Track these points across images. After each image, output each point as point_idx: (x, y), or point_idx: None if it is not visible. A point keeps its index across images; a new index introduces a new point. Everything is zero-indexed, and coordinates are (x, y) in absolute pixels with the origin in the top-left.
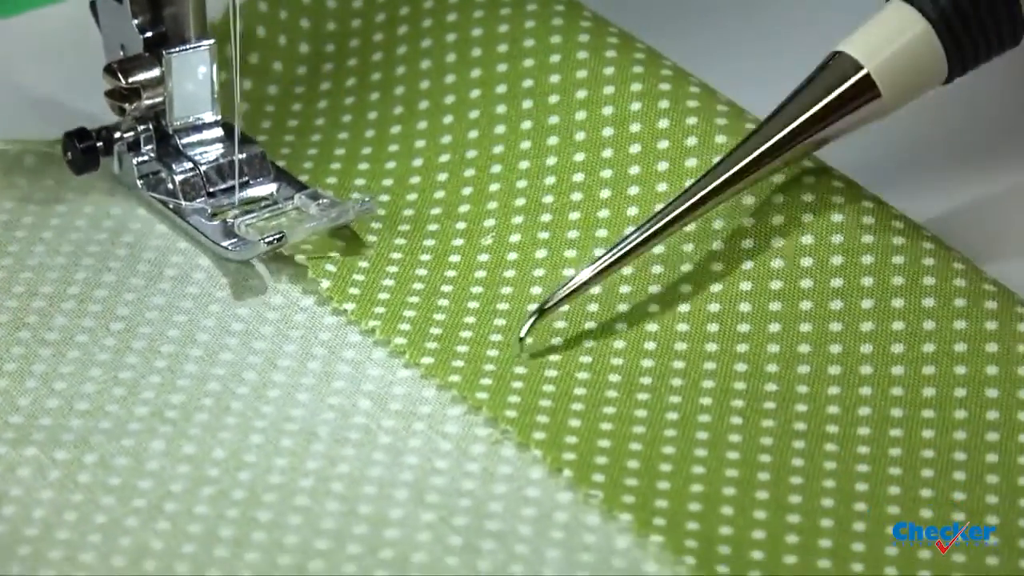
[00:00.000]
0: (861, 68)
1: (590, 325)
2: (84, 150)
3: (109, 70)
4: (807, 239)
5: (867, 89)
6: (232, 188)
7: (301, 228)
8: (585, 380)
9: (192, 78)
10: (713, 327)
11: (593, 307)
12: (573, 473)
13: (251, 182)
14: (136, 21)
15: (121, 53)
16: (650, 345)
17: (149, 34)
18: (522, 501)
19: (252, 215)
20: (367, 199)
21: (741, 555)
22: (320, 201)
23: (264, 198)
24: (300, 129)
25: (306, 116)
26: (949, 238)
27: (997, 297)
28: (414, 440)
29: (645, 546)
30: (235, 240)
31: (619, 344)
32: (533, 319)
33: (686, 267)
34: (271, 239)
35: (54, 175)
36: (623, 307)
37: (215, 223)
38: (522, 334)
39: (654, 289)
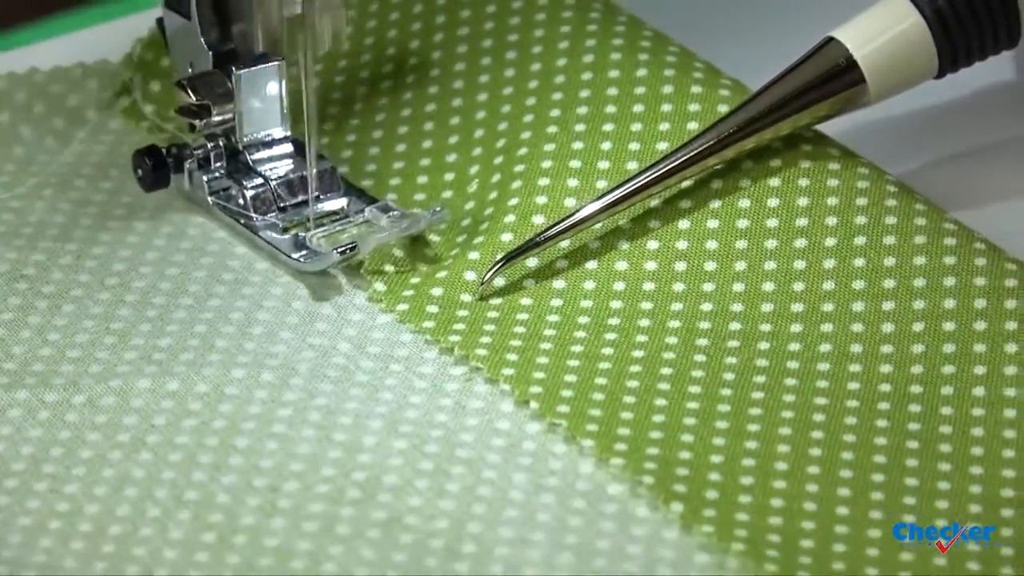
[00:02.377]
0: (850, 56)
1: (561, 265)
2: (155, 167)
3: (179, 86)
4: (774, 181)
5: (853, 77)
6: (302, 203)
7: (373, 238)
8: (555, 322)
9: (261, 95)
10: (680, 265)
11: (565, 243)
12: (539, 404)
13: (322, 197)
14: (204, 38)
15: (190, 70)
16: (619, 286)
17: (218, 51)
18: (492, 432)
19: (323, 228)
20: (438, 209)
21: (699, 476)
22: (390, 213)
23: (335, 212)
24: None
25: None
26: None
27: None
28: (390, 379)
29: (607, 469)
30: (306, 252)
31: (589, 285)
32: (498, 266)
33: (655, 205)
34: (343, 249)
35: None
36: (593, 244)
37: (287, 237)
38: (484, 279)
39: (624, 225)
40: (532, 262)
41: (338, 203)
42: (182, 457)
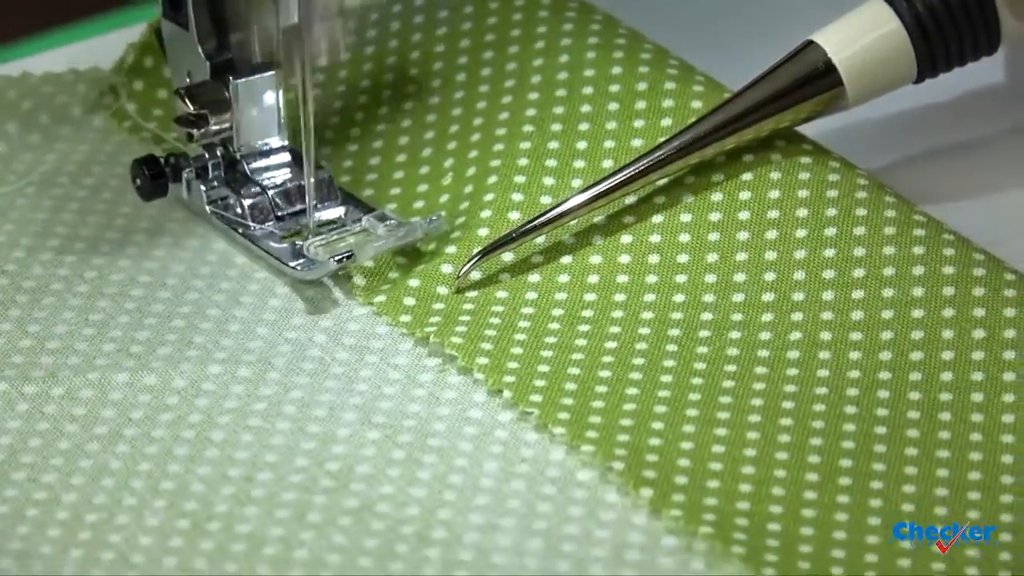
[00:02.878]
0: (828, 59)
1: (537, 259)
2: (152, 176)
3: (177, 95)
4: (746, 176)
5: (831, 80)
6: (300, 212)
7: (370, 247)
8: (529, 314)
9: (259, 104)
10: (653, 258)
11: (541, 239)
12: (512, 393)
13: (319, 206)
14: (202, 48)
15: (187, 80)
16: (593, 279)
17: (216, 60)
18: (464, 421)
19: (321, 237)
20: (435, 217)
21: (668, 462)
22: (388, 222)
23: (333, 221)
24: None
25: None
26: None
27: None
28: (365, 371)
29: (578, 456)
30: (304, 260)
31: (563, 279)
32: (474, 260)
33: (629, 202)
34: (340, 257)
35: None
36: (568, 239)
37: (284, 245)
38: (460, 272)
39: (599, 221)
40: (508, 257)
41: (336, 212)
42: (158, 449)
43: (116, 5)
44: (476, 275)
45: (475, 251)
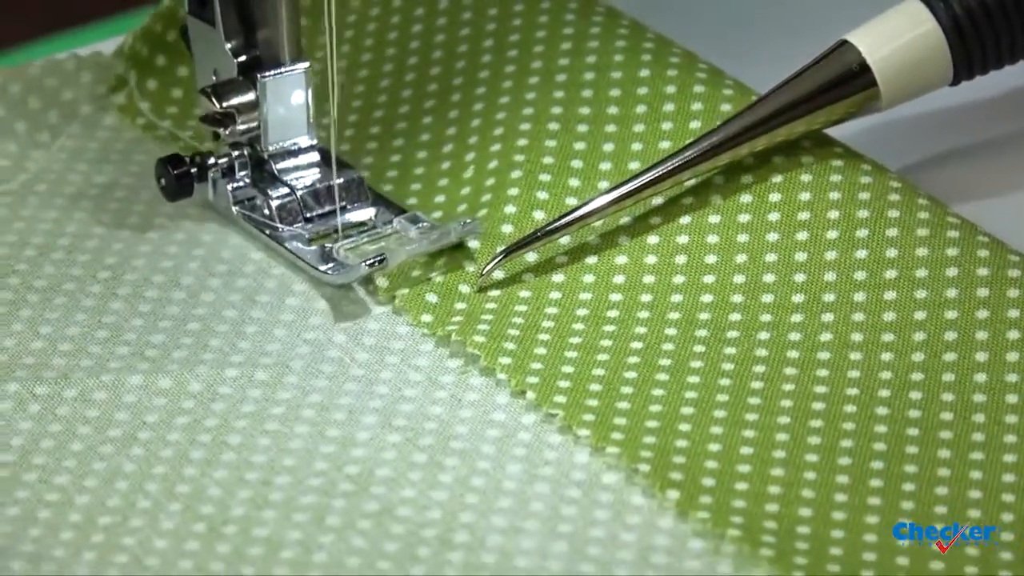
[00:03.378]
0: (862, 60)
1: (561, 260)
2: (178, 176)
3: (203, 94)
4: (776, 178)
5: (865, 81)
6: (329, 213)
7: (402, 251)
8: (553, 314)
9: (286, 102)
10: (680, 259)
11: (565, 240)
12: (536, 395)
13: (349, 207)
14: (229, 45)
15: (214, 78)
16: (619, 279)
17: (243, 58)
18: (487, 423)
19: (351, 240)
20: (469, 220)
21: (695, 464)
22: (420, 224)
23: (363, 223)
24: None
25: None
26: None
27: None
28: (386, 372)
29: (603, 458)
30: (334, 264)
31: (588, 279)
32: (498, 259)
33: (657, 203)
34: (372, 261)
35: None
36: (593, 240)
37: (313, 248)
38: (483, 270)
39: (625, 222)
40: (531, 256)
41: (366, 214)
42: (173, 453)
43: (116, 11)
44: (499, 274)
45: (499, 249)
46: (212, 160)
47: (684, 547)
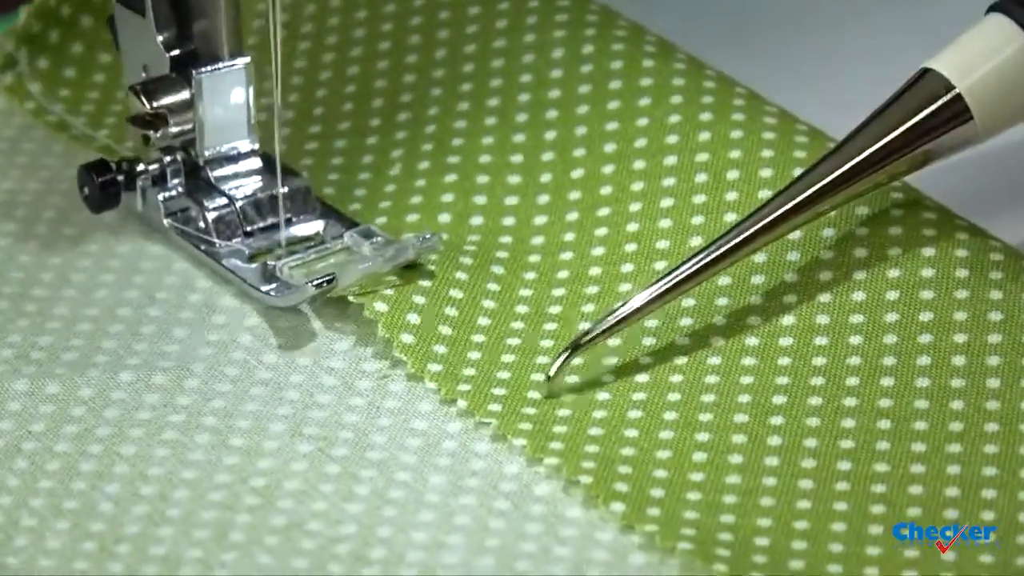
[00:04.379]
0: (952, 88)
1: (502, 255)
2: (103, 185)
3: (132, 92)
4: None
5: (958, 111)
6: (272, 227)
7: (353, 269)
8: (491, 309)
9: (225, 102)
10: (628, 265)
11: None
12: (468, 402)
13: (295, 220)
14: (161, 37)
15: (143, 75)
16: (562, 274)
17: (176, 52)
18: (407, 432)
19: (297, 256)
20: (428, 235)
21: (642, 473)
22: (374, 240)
23: (310, 237)
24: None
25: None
26: None
27: None
28: (296, 376)
29: (537, 469)
30: (277, 284)
31: (529, 276)
32: (565, 356)
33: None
34: (320, 282)
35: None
36: (535, 228)
37: (254, 266)
38: (551, 372)
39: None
40: (466, 260)
41: (313, 227)
42: (61, 465)
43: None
44: (425, 282)
45: (578, 337)
46: (141, 166)
47: (624, 562)
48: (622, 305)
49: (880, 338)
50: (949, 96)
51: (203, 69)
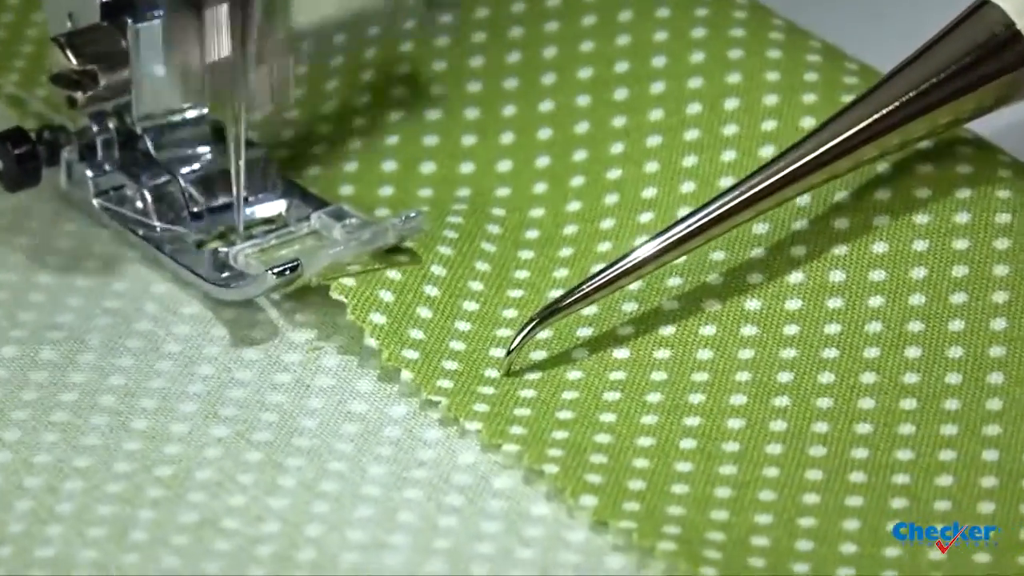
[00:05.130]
0: (1011, 24)
1: (451, 234)
2: (20, 158)
3: (55, 44)
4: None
5: (1016, 52)
6: (224, 207)
7: (323, 255)
8: (439, 276)
9: (167, 56)
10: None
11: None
12: (415, 374)
13: (251, 199)
14: None
15: (68, 24)
16: (526, 254)
17: None
18: (343, 416)
19: (255, 242)
20: (412, 214)
21: (619, 463)
22: (346, 221)
23: (270, 220)
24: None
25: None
26: None
27: None
28: (211, 348)
29: (496, 457)
30: (230, 274)
31: (489, 247)
32: (530, 329)
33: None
34: (282, 269)
35: None
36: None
37: (203, 253)
38: (512, 346)
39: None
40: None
41: (275, 207)
42: None
43: None
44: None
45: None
46: (66, 136)
47: (599, 564)
48: (601, 271)
49: (905, 299)
50: (1008, 32)
51: (142, 18)
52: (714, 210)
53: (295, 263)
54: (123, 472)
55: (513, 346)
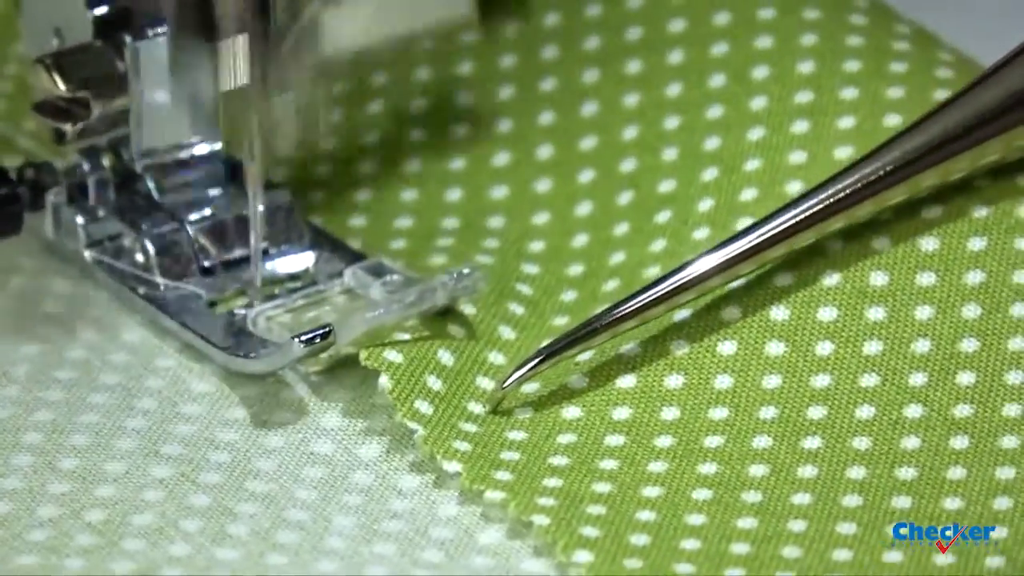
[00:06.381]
0: None
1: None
2: (0, 201)
3: (40, 66)
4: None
5: None
6: (241, 261)
7: (360, 319)
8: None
9: (172, 81)
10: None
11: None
12: (394, 393)
13: (273, 251)
14: None
15: (55, 42)
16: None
17: (103, 9)
18: (305, 458)
19: (278, 302)
20: (466, 271)
21: (619, 514)
22: (387, 278)
23: (295, 276)
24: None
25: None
26: None
27: None
28: (153, 380)
29: (479, 507)
30: (250, 341)
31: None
32: (531, 366)
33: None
34: (311, 337)
35: None
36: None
37: (216, 317)
38: (506, 384)
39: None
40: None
41: (301, 261)
42: None
43: None
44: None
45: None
46: (52, 175)
47: None
48: (610, 308)
49: (957, 310)
50: None
51: (142, 36)
52: (776, 226)
53: (327, 328)
54: (48, 518)
55: (508, 383)
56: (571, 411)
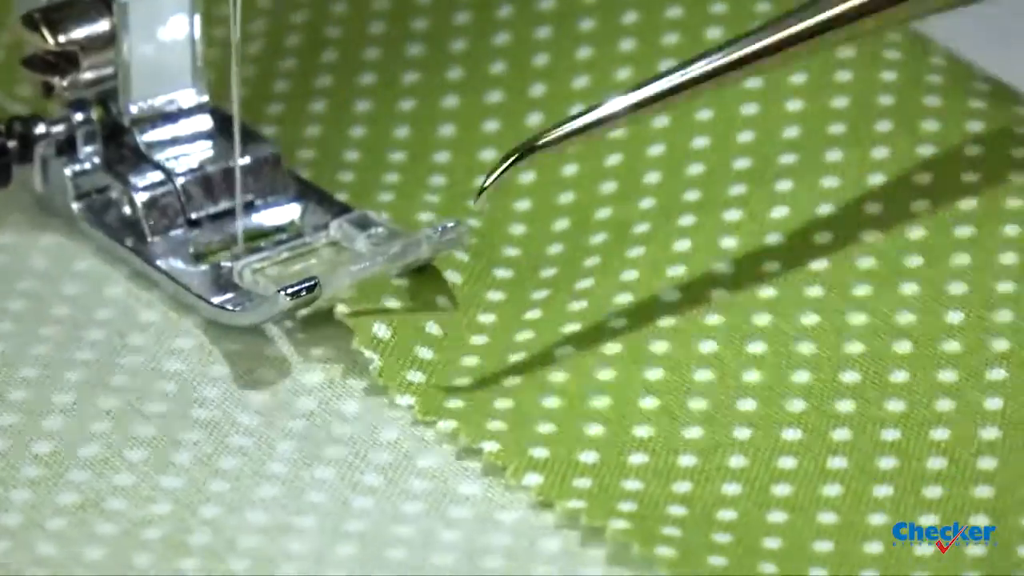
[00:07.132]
0: None
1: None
2: None
3: (27, 23)
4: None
5: None
6: (228, 213)
7: (344, 272)
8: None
9: (160, 36)
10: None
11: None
12: (381, 360)
13: (259, 203)
14: None
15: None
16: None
17: None
18: (287, 414)
19: (263, 255)
20: (450, 224)
21: (652, 498)
22: (372, 231)
23: (281, 228)
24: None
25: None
26: None
27: None
28: (104, 311)
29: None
30: (235, 295)
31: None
32: (509, 164)
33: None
34: (297, 289)
35: None
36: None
37: (202, 268)
38: (485, 185)
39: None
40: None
41: (287, 213)
42: None
43: None
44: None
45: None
46: (41, 128)
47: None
48: (589, 109)
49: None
50: None
51: None
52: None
53: (312, 281)
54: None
55: (488, 183)
56: (556, 375)
